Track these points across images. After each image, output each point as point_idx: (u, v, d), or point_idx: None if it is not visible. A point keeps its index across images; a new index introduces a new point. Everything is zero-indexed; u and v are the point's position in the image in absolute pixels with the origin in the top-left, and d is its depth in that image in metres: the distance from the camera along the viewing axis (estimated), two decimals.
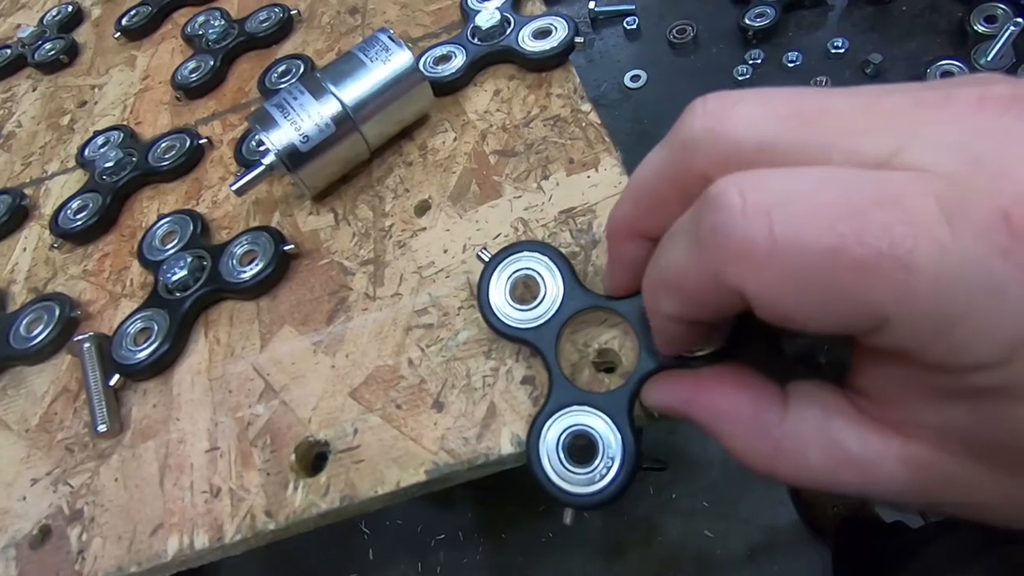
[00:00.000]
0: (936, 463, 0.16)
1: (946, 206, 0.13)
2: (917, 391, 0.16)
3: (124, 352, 0.35)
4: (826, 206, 0.14)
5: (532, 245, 0.28)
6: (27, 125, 0.55)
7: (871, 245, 0.13)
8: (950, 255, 0.13)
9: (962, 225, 0.13)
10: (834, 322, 0.15)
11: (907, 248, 0.13)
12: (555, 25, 0.41)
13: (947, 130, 0.14)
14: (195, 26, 0.54)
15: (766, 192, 0.15)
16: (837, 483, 0.17)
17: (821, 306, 0.14)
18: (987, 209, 0.13)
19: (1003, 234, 0.13)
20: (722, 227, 0.15)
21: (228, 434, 0.32)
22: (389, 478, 0.28)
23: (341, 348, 0.33)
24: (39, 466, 0.34)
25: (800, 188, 0.14)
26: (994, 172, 0.13)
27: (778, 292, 0.15)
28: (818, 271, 0.14)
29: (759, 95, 0.17)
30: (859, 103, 0.16)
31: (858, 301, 0.14)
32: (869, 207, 0.13)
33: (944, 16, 0.57)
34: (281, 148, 0.35)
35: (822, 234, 0.14)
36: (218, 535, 0.29)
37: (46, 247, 0.44)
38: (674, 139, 0.19)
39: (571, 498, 0.24)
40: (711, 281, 0.16)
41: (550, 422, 0.25)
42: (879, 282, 0.13)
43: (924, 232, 0.13)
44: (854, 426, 0.17)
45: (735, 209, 0.15)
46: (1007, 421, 0.14)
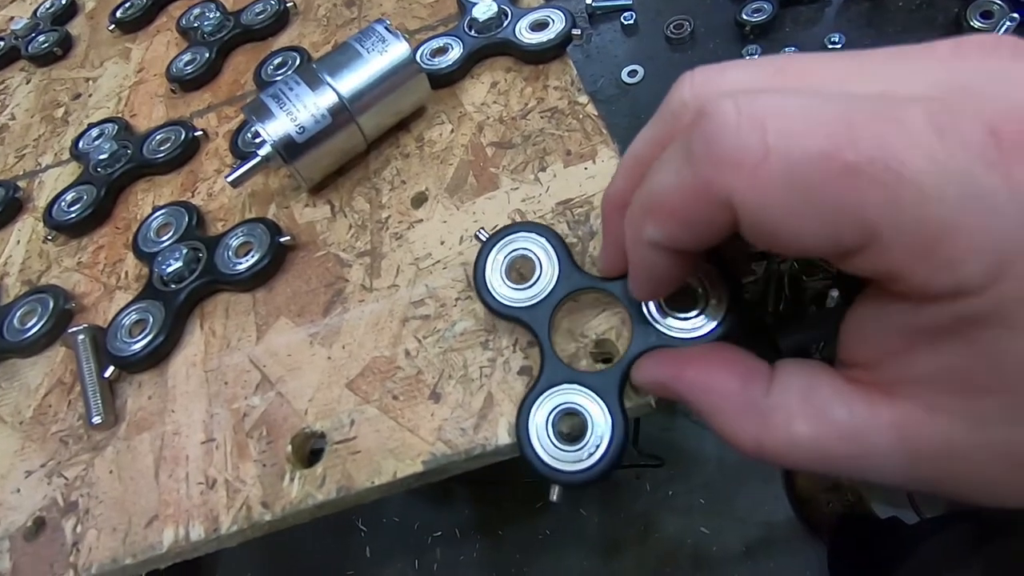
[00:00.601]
0: (928, 425, 0.16)
1: (937, 122, 0.13)
2: (905, 338, 0.16)
3: (119, 344, 0.35)
4: (822, 117, 0.14)
5: (529, 226, 0.28)
6: (21, 117, 0.55)
7: (864, 151, 0.13)
8: (939, 166, 0.13)
9: (952, 139, 0.13)
10: (823, 236, 0.14)
11: (898, 157, 0.13)
12: (552, 17, 0.41)
13: (930, 71, 0.15)
14: (190, 18, 0.54)
15: (762, 105, 0.15)
16: (827, 456, 0.17)
17: (811, 216, 0.14)
18: (976, 125, 0.13)
19: (991, 147, 0.13)
20: (716, 136, 0.15)
21: (224, 426, 0.32)
22: (386, 469, 0.28)
23: (338, 339, 0.33)
24: (33, 458, 0.34)
25: (797, 102, 0.15)
26: (979, 96, 0.14)
27: (769, 201, 0.15)
28: (810, 177, 0.14)
29: (744, 63, 0.17)
30: (842, 60, 0.16)
31: (848, 209, 0.14)
32: (864, 120, 0.14)
33: (940, 11, 0.57)
34: (277, 139, 0.35)
35: (816, 140, 0.14)
36: (214, 526, 0.29)
37: (40, 239, 0.44)
38: (664, 110, 0.19)
39: (558, 475, 0.24)
40: (701, 193, 0.16)
41: (541, 399, 0.25)
42: (870, 188, 0.13)
43: (915, 143, 0.13)
44: (842, 395, 0.17)
45: (730, 119, 0.15)
46: (994, 355, 0.14)
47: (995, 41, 0.15)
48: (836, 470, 0.17)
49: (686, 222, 0.17)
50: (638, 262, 0.20)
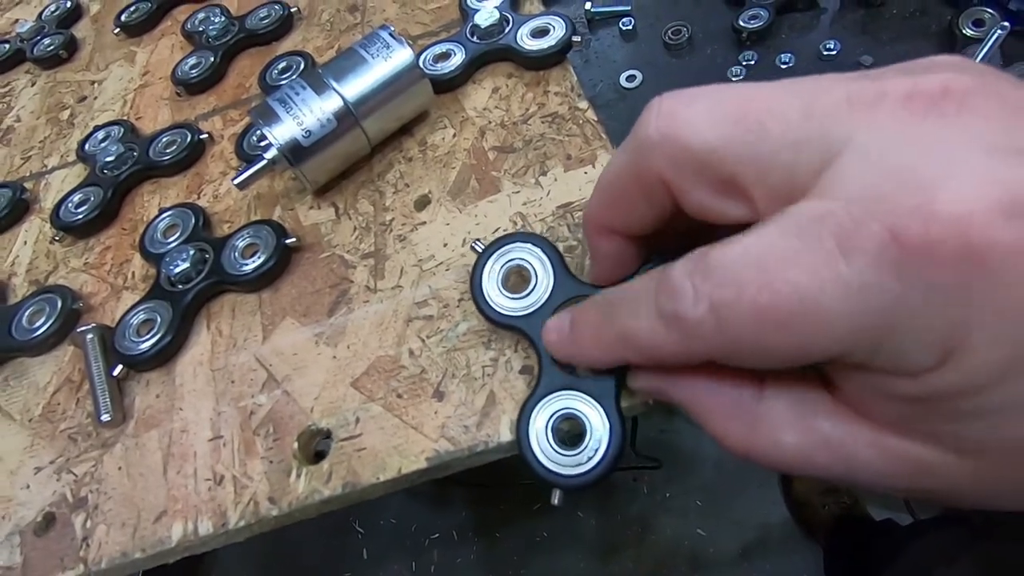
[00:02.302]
0: (905, 448, 0.17)
1: (843, 242, 0.15)
2: (879, 395, 0.17)
3: (127, 343, 0.35)
4: (748, 280, 0.16)
5: (524, 236, 0.29)
6: (26, 120, 0.55)
7: (782, 307, 0.15)
8: (853, 289, 0.15)
9: (857, 257, 0.14)
10: (786, 363, 0.17)
11: (813, 298, 0.15)
12: (553, 24, 0.41)
13: (871, 137, 0.16)
14: (195, 22, 0.55)
15: (710, 280, 0.17)
16: (811, 464, 0.18)
17: (767, 356, 0.17)
18: (878, 233, 0.14)
19: (895, 254, 0.14)
20: (680, 314, 0.18)
21: (231, 423, 0.32)
22: (390, 465, 0.29)
23: (343, 339, 0.33)
24: (42, 455, 0.34)
25: (731, 267, 0.17)
26: (897, 188, 0.15)
27: (731, 353, 0.18)
28: (753, 335, 0.16)
29: (711, 94, 0.19)
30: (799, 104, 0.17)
31: (792, 350, 0.16)
32: (780, 270, 0.15)
33: (934, 19, 0.58)
34: (283, 143, 0.36)
35: (747, 308, 0.16)
36: (222, 521, 0.29)
37: (47, 240, 0.45)
38: (633, 140, 0.20)
39: (559, 479, 0.25)
40: (682, 353, 0.19)
41: (540, 406, 0.26)
42: (802, 331, 0.15)
43: (826, 276, 0.15)
44: (826, 409, 0.18)
45: (688, 299, 0.17)
46: (961, 414, 0.15)
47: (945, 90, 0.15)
48: (818, 475, 0.19)
49: (658, 361, 0.20)
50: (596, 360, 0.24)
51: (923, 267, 0.14)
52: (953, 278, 0.14)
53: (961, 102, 0.15)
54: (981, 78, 0.15)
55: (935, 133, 0.15)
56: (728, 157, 0.18)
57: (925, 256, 0.14)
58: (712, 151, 0.18)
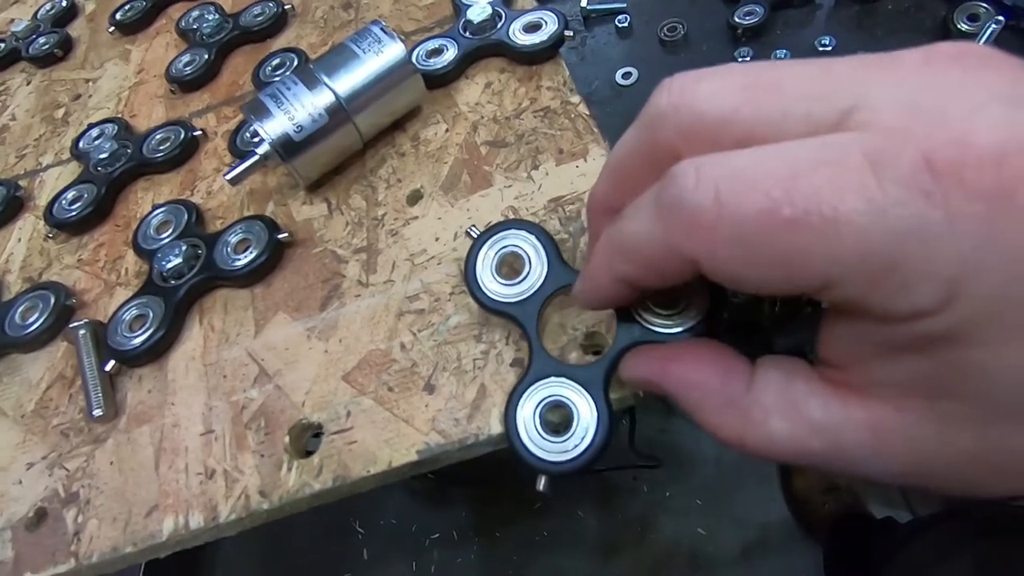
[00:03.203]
0: (898, 424, 0.16)
1: (874, 158, 0.14)
2: (874, 349, 0.16)
3: (119, 338, 0.35)
4: (765, 175, 0.15)
5: (519, 224, 0.29)
6: (21, 118, 0.56)
7: (799, 204, 0.14)
8: (876, 203, 0.14)
9: (887, 174, 0.14)
10: (780, 282, 0.16)
11: (833, 204, 0.14)
12: (545, 19, 0.41)
13: (893, 87, 0.15)
14: (189, 20, 0.55)
15: (718, 168, 0.16)
16: (804, 452, 0.18)
17: (763, 266, 0.15)
18: (912, 156, 0.14)
19: (926, 178, 0.13)
20: (677, 199, 0.16)
21: (222, 418, 0.32)
22: (381, 458, 0.29)
23: (334, 333, 0.33)
24: (35, 450, 0.34)
25: (748, 162, 0.16)
26: (930, 121, 0.14)
27: (725, 256, 0.16)
28: (756, 234, 0.15)
29: (720, 71, 0.18)
30: (811, 70, 0.17)
31: (794, 259, 0.15)
32: (802, 171, 0.14)
33: (929, 14, 0.57)
34: (275, 138, 0.36)
35: (758, 198, 0.15)
36: (213, 515, 0.29)
37: (41, 237, 0.45)
38: (644, 117, 0.20)
39: (544, 465, 0.25)
40: (667, 248, 0.17)
41: (529, 392, 0.26)
42: (809, 238, 0.14)
43: (851, 185, 0.14)
44: (817, 393, 0.18)
45: (689, 182, 0.16)
46: (957, 368, 0.15)
47: (961, 51, 0.15)
48: (813, 464, 0.18)
49: (653, 269, 0.19)
50: (598, 287, 0.22)
51: (952, 193, 0.13)
52: (979, 210, 0.13)
53: (979, 60, 0.15)
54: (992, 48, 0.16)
55: (958, 81, 0.15)
56: (743, 118, 0.17)
57: (957, 182, 0.13)
58: (726, 115, 0.17)
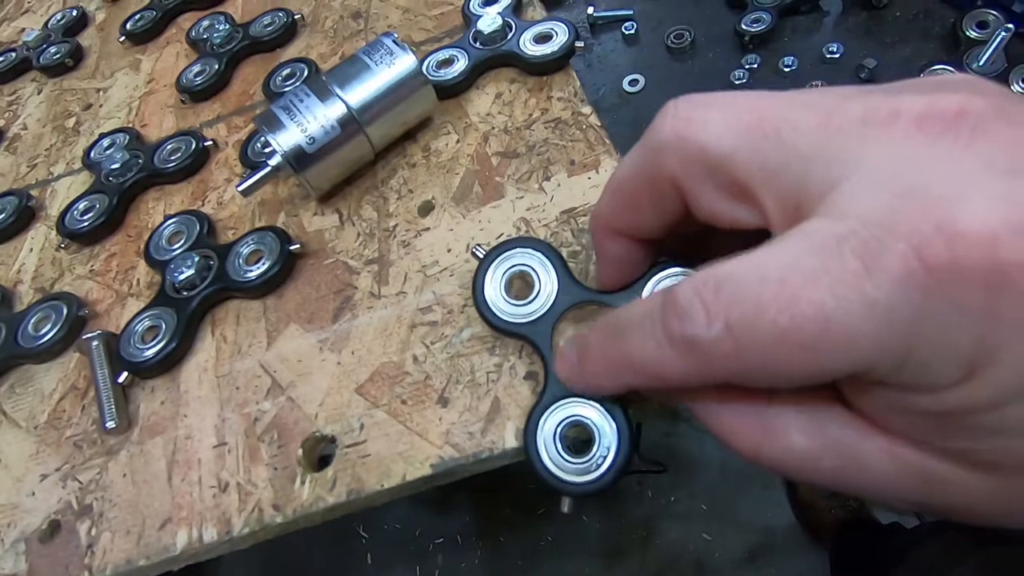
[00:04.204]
0: (918, 462, 0.17)
1: (868, 262, 0.15)
2: (897, 410, 0.17)
3: (132, 350, 0.35)
4: (769, 299, 0.16)
5: (526, 241, 0.29)
6: (32, 127, 0.56)
7: (806, 329, 0.15)
8: (877, 308, 0.14)
9: (882, 277, 0.14)
10: (807, 382, 0.16)
11: (838, 319, 0.15)
12: (556, 30, 0.42)
13: (885, 158, 0.16)
14: (199, 30, 0.55)
15: (722, 297, 0.16)
16: (819, 469, 0.18)
17: (787, 377, 0.16)
18: (903, 252, 0.14)
19: (920, 275, 0.14)
20: (691, 337, 0.17)
21: (235, 430, 0.32)
22: (395, 472, 0.29)
23: (347, 345, 0.34)
24: (48, 462, 0.34)
25: (748, 285, 0.16)
26: (916, 207, 0.15)
27: (749, 376, 0.17)
28: (774, 357, 0.16)
29: (726, 100, 0.19)
30: (815, 118, 0.17)
31: (814, 371, 0.16)
32: (802, 289, 0.15)
33: (937, 21, 0.58)
34: (287, 150, 0.36)
35: (768, 328, 0.16)
36: (226, 528, 0.29)
37: (52, 248, 0.45)
38: (647, 141, 0.20)
39: (568, 487, 0.25)
40: (689, 375, 0.18)
41: (547, 414, 0.26)
42: (825, 354, 0.15)
43: (851, 296, 0.15)
44: (840, 417, 0.18)
45: (700, 319, 0.17)
46: (983, 429, 0.15)
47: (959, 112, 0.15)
48: (825, 482, 0.18)
49: (668, 385, 0.19)
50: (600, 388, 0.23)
51: (949, 285, 0.14)
52: (979, 296, 0.14)
53: (975, 126, 0.15)
54: (996, 100, 0.15)
55: (949, 155, 0.15)
56: (740, 161, 0.18)
57: (951, 274, 0.14)
58: (726, 154, 0.18)
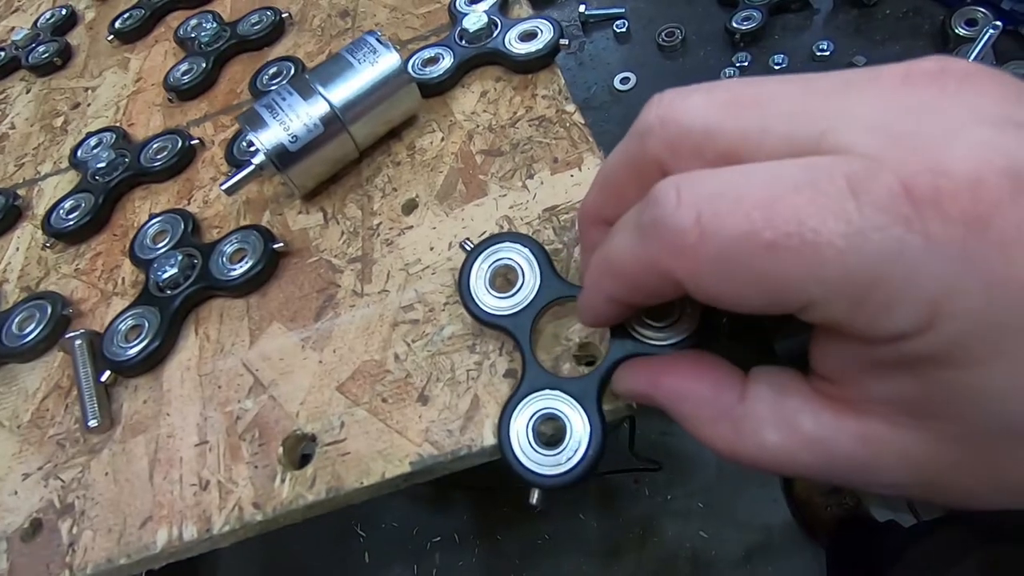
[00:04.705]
0: (888, 438, 0.16)
1: (854, 184, 0.14)
2: (862, 366, 0.16)
3: (115, 349, 0.35)
4: (747, 196, 0.15)
5: (512, 236, 0.29)
6: (20, 127, 0.56)
7: (781, 228, 0.14)
8: (855, 228, 0.14)
9: (867, 199, 0.14)
10: (761, 302, 0.16)
11: (814, 227, 0.14)
12: (541, 28, 0.41)
13: (871, 109, 0.15)
14: (188, 29, 0.55)
15: (699, 188, 0.16)
16: (796, 464, 0.18)
17: (745, 287, 0.16)
18: (891, 182, 0.14)
19: (905, 204, 0.14)
20: (659, 220, 0.16)
21: (217, 428, 0.32)
22: (374, 470, 0.29)
23: (329, 344, 0.33)
24: (30, 461, 0.34)
25: (729, 182, 0.16)
26: (906, 148, 0.14)
27: (706, 276, 0.16)
28: (737, 255, 0.15)
29: (707, 87, 0.19)
30: (793, 88, 0.17)
31: (775, 280, 0.15)
32: (783, 193, 0.15)
33: (927, 19, 0.57)
34: (270, 148, 0.36)
35: (739, 221, 0.15)
36: (207, 527, 0.30)
37: (39, 247, 0.45)
38: (633, 130, 0.20)
39: (537, 478, 0.25)
40: (650, 268, 0.17)
41: (522, 405, 0.26)
42: (790, 261, 0.14)
43: (832, 209, 0.14)
44: (809, 405, 0.18)
45: (671, 203, 0.16)
46: (943, 388, 0.15)
47: (941, 68, 0.16)
48: (804, 474, 0.18)
49: (637, 288, 0.19)
50: (592, 305, 0.22)
51: (930, 219, 0.13)
52: (957, 235, 0.13)
53: (960, 78, 0.15)
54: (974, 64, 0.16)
55: (936, 104, 0.15)
56: (724, 132, 0.17)
57: (934, 209, 0.13)
58: (710, 129, 0.18)
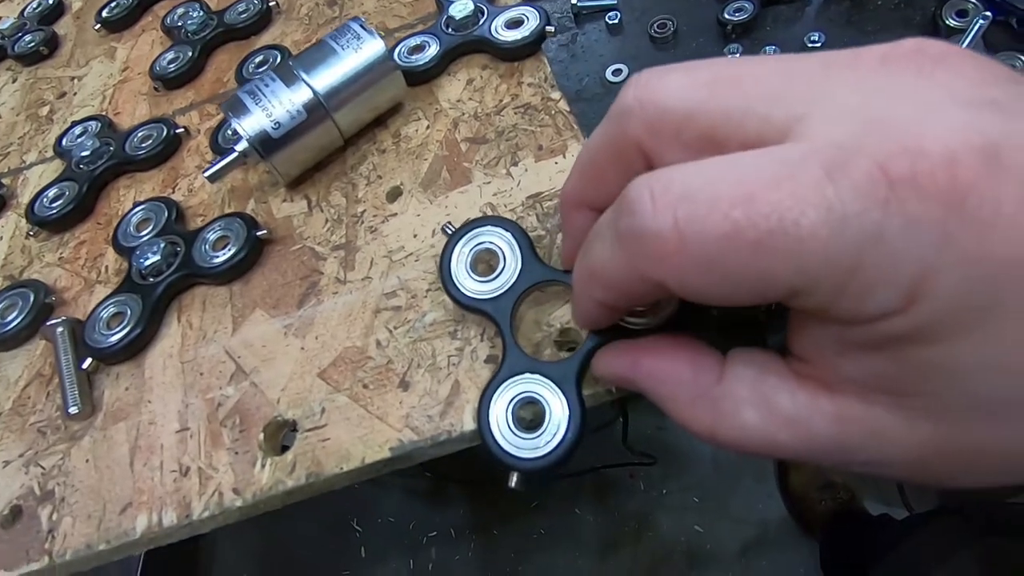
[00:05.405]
0: (863, 417, 0.16)
1: (831, 170, 0.14)
2: (840, 347, 0.16)
3: (97, 336, 0.35)
4: (724, 195, 0.15)
5: (494, 220, 0.29)
6: (6, 116, 0.55)
7: (760, 225, 0.14)
8: (834, 214, 0.14)
9: (844, 184, 0.14)
10: (747, 297, 0.16)
11: (794, 219, 0.14)
12: (527, 15, 0.41)
13: (849, 92, 0.15)
14: (174, 17, 0.54)
15: (673, 191, 0.16)
16: (774, 444, 0.18)
17: (732, 286, 0.16)
18: (867, 166, 0.14)
19: (882, 186, 0.14)
20: (636, 228, 0.16)
21: (198, 415, 0.32)
22: (354, 455, 0.29)
23: (311, 330, 0.33)
24: (11, 448, 0.34)
25: (704, 180, 0.16)
26: (882, 131, 0.14)
27: (692, 279, 0.16)
28: (720, 256, 0.15)
29: (686, 66, 0.18)
30: (773, 70, 0.17)
31: (760, 276, 0.15)
32: (761, 189, 0.15)
33: (918, 10, 0.57)
34: (253, 135, 0.35)
35: (719, 222, 0.15)
36: (186, 512, 0.29)
37: (22, 235, 0.45)
38: (612, 112, 0.20)
39: (515, 462, 0.25)
40: (634, 276, 0.17)
41: (501, 389, 0.26)
42: (774, 256, 0.14)
43: (810, 199, 0.14)
44: (786, 385, 0.18)
45: (647, 211, 0.16)
46: (917, 366, 0.15)
47: (918, 49, 0.16)
48: (783, 455, 0.18)
49: (625, 294, 0.19)
50: (585, 311, 0.22)
51: (907, 200, 0.14)
52: (936, 214, 0.13)
53: (937, 60, 0.15)
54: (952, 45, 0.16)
55: (913, 86, 0.15)
56: (704, 112, 0.17)
57: (912, 189, 0.13)
58: (689, 109, 0.18)
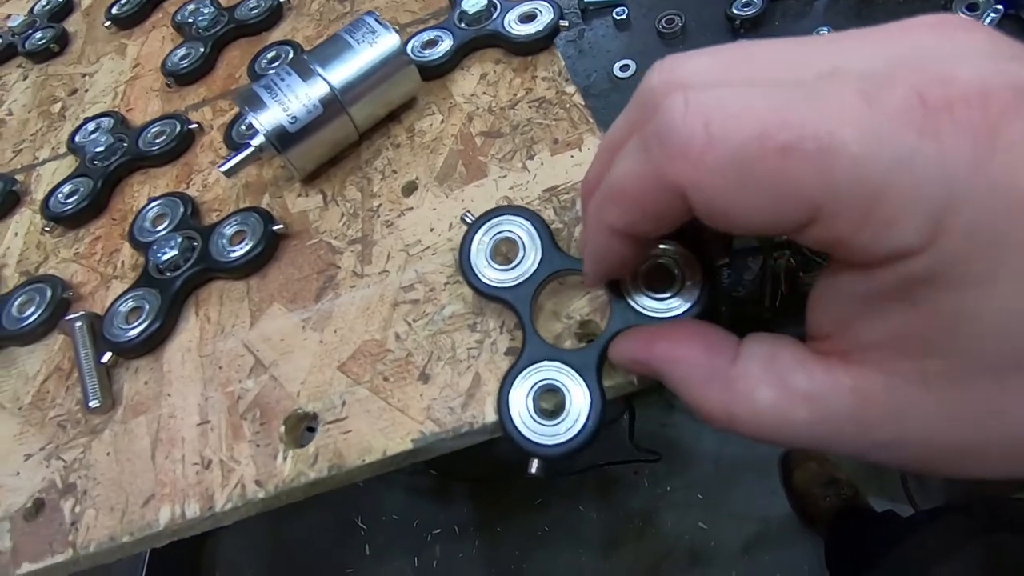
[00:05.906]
0: (883, 386, 0.16)
1: (867, 94, 0.14)
2: (859, 306, 0.16)
3: (116, 330, 0.35)
4: (759, 104, 0.15)
5: (514, 209, 0.29)
6: (18, 113, 0.56)
7: (794, 130, 0.14)
8: (868, 134, 0.14)
9: (880, 107, 0.14)
10: (770, 213, 0.15)
11: (827, 129, 0.14)
12: (540, 9, 0.41)
13: (876, 48, 0.16)
14: (185, 14, 0.54)
15: (707, 98, 0.16)
16: (790, 423, 0.18)
17: (755, 196, 0.15)
18: (904, 92, 0.14)
19: (918, 112, 0.14)
20: (665, 128, 0.16)
21: (218, 408, 0.32)
22: (376, 447, 0.29)
23: (329, 324, 0.33)
24: (32, 442, 0.34)
25: (738, 93, 0.16)
26: (914, 66, 0.14)
27: (714, 185, 0.16)
28: (748, 160, 0.15)
29: (709, 50, 0.18)
30: (795, 44, 0.17)
31: (787, 185, 0.15)
32: (797, 101, 0.15)
33: (928, 4, 0.57)
34: (270, 129, 0.35)
35: (752, 125, 0.15)
36: (209, 504, 0.30)
37: (38, 231, 0.45)
38: (636, 97, 0.20)
39: (537, 448, 0.25)
40: (655, 181, 0.17)
41: (521, 376, 0.26)
42: (803, 164, 0.14)
43: (845, 115, 0.14)
44: (803, 363, 0.18)
45: (678, 112, 0.16)
46: (939, 316, 0.15)
47: (940, 18, 0.16)
48: (799, 437, 0.18)
49: (643, 208, 0.18)
50: (594, 247, 0.21)
51: (944, 127, 0.13)
52: (966, 143, 0.13)
53: (956, 27, 0.15)
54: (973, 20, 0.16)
55: (937, 42, 0.15)
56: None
57: (948, 117, 0.13)
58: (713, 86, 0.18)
